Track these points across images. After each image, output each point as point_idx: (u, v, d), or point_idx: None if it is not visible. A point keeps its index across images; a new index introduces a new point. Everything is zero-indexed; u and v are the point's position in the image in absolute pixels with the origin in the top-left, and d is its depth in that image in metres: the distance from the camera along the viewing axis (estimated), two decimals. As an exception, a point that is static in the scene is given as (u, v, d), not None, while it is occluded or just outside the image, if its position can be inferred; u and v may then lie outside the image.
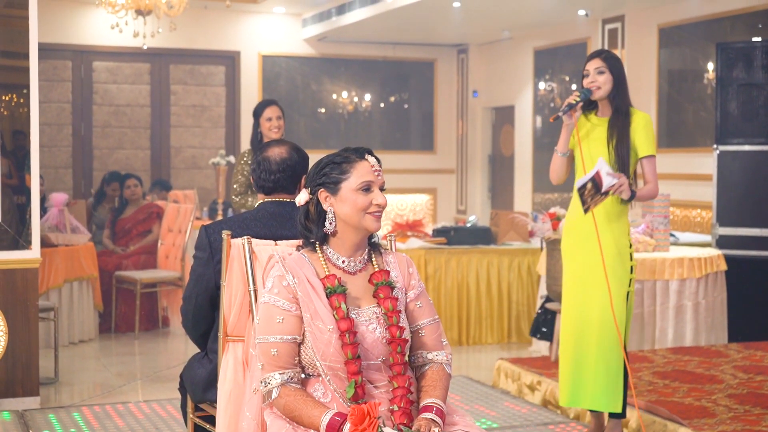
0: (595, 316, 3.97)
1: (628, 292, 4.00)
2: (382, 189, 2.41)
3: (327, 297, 2.35)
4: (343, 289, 2.35)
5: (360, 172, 2.38)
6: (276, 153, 3.01)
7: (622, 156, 3.95)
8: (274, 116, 4.85)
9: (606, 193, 3.81)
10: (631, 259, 4.02)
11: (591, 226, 3.94)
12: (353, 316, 2.35)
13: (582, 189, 3.83)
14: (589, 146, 4.00)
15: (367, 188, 2.38)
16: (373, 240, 2.49)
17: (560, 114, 3.93)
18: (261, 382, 2.34)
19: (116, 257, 7.28)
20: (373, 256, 2.47)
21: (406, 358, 2.40)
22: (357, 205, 2.37)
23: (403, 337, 2.36)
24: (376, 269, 2.44)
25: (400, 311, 2.39)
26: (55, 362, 5.60)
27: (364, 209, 2.37)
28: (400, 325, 2.37)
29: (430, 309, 2.49)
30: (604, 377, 3.97)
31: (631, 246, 4.03)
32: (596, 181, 3.80)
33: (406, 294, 2.46)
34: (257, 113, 4.93)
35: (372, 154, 2.43)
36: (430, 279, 6.61)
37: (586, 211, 3.86)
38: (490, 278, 6.77)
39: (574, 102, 3.93)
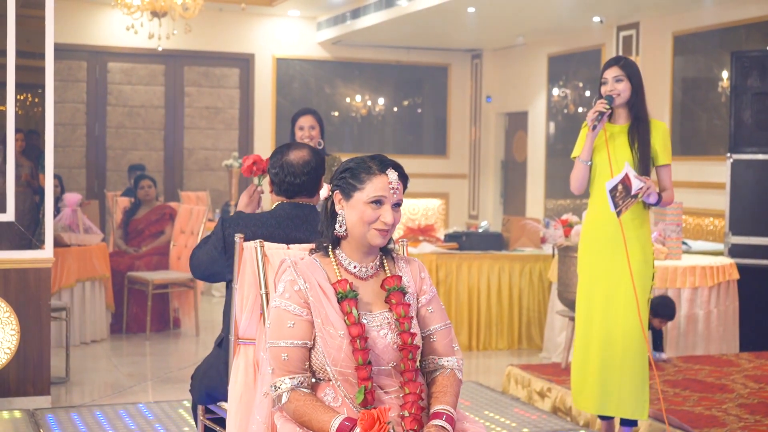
0: (620, 323, 3.97)
1: (648, 299, 4.03)
2: (398, 205, 2.37)
3: (338, 302, 2.34)
4: (354, 294, 2.35)
5: (375, 185, 2.35)
6: (298, 156, 3.03)
7: (646, 163, 3.95)
8: (306, 125, 4.83)
9: (635, 195, 3.81)
10: (653, 267, 4.05)
11: (615, 233, 3.93)
12: (364, 321, 2.35)
13: (613, 191, 3.82)
14: (615, 152, 4.00)
15: (377, 202, 2.35)
16: (389, 246, 2.47)
17: (597, 125, 3.90)
18: (271, 387, 2.34)
19: (128, 258, 7.30)
20: (385, 261, 2.46)
21: (418, 365, 2.40)
22: (363, 218, 2.34)
23: (414, 343, 2.36)
24: (388, 274, 2.43)
25: (411, 317, 2.39)
26: (66, 362, 5.62)
27: (369, 223, 2.35)
28: (412, 331, 2.37)
29: (442, 314, 2.48)
30: (631, 384, 3.96)
31: (653, 253, 4.05)
32: (626, 183, 3.80)
33: (417, 299, 2.46)
34: (293, 121, 4.93)
35: (397, 169, 2.38)
36: (442, 284, 6.62)
37: (619, 214, 3.85)
38: (501, 284, 6.77)
39: (604, 110, 3.92)
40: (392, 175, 2.36)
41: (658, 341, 5.44)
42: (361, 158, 2.40)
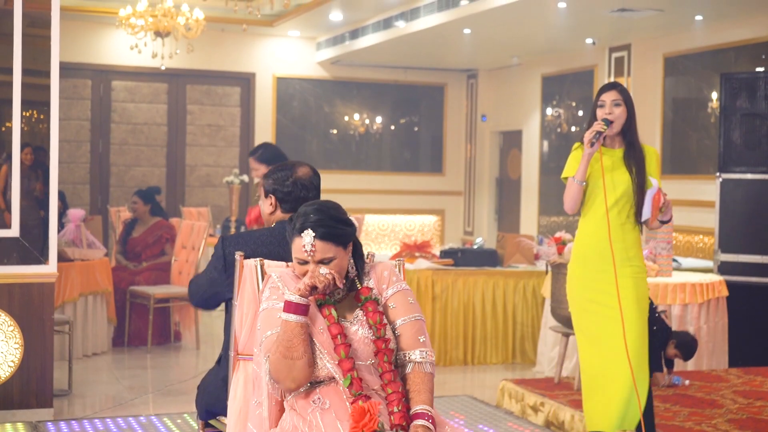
0: (615, 341, 3.95)
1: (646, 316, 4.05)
2: (325, 262, 2.40)
3: (318, 307, 2.45)
4: (332, 301, 2.46)
5: (296, 245, 2.43)
6: (304, 173, 3.10)
7: (642, 187, 4.04)
8: (258, 169, 5.00)
9: (660, 208, 3.92)
10: (646, 285, 4.07)
11: (606, 253, 3.95)
12: (343, 322, 2.46)
13: (655, 199, 3.95)
14: (613, 177, 4.07)
15: (301, 262, 2.44)
16: (360, 271, 2.54)
17: (594, 142, 3.92)
18: (265, 357, 2.42)
19: (130, 273, 7.33)
20: (356, 280, 2.53)
21: (394, 366, 2.48)
22: (296, 269, 2.47)
23: (388, 347, 2.45)
24: (361, 287, 2.52)
25: (386, 324, 2.47)
26: (69, 374, 5.65)
27: (302, 275, 2.46)
28: (386, 336, 2.46)
29: (407, 308, 2.52)
30: (620, 396, 3.95)
31: (645, 272, 4.11)
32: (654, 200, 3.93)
33: (382, 297, 2.54)
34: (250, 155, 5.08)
35: (315, 230, 2.38)
36: (437, 299, 6.70)
37: (645, 223, 3.97)
38: (496, 300, 6.84)
39: (602, 130, 3.94)
40: (306, 238, 2.38)
41: (669, 365, 5.39)
42: (304, 205, 2.47)
